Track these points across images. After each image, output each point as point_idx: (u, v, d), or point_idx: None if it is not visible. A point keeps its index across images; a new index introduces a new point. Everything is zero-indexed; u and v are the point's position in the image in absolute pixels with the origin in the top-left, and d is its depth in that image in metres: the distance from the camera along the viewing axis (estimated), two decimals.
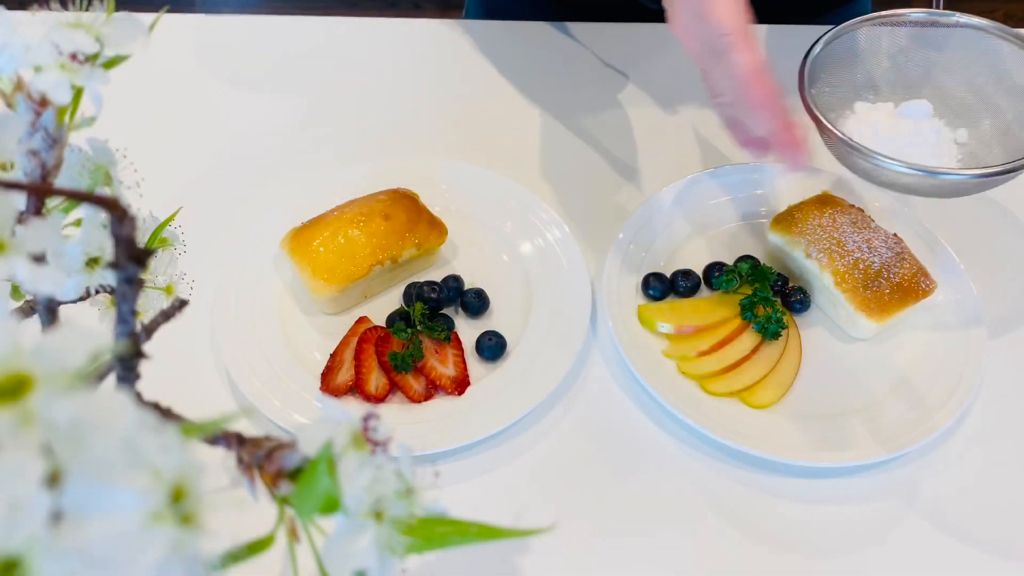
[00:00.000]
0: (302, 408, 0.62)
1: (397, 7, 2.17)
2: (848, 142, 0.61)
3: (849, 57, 0.69)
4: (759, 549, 0.59)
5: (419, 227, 0.70)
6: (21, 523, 0.20)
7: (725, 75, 0.58)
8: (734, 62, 0.56)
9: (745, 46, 0.56)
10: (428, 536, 0.30)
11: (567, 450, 0.63)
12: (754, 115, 0.58)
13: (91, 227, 0.36)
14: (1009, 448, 0.63)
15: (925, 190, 0.62)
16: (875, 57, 0.70)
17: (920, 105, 0.68)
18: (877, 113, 0.68)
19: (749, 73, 0.56)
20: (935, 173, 0.59)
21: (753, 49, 0.56)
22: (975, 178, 0.60)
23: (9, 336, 0.22)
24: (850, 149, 0.61)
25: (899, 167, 0.59)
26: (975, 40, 0.68)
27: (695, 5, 0.58)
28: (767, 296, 0.67)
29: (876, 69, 0.70)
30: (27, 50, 0.33)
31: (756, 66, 0.56)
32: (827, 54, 0.67)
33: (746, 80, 0.56)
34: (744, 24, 0.57)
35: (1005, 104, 0.67)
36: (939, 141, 0.66)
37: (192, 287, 0.48)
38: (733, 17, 0.56)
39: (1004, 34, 0.67)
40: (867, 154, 0.60)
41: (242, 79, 0.87)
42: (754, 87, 0.56)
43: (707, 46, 0.58)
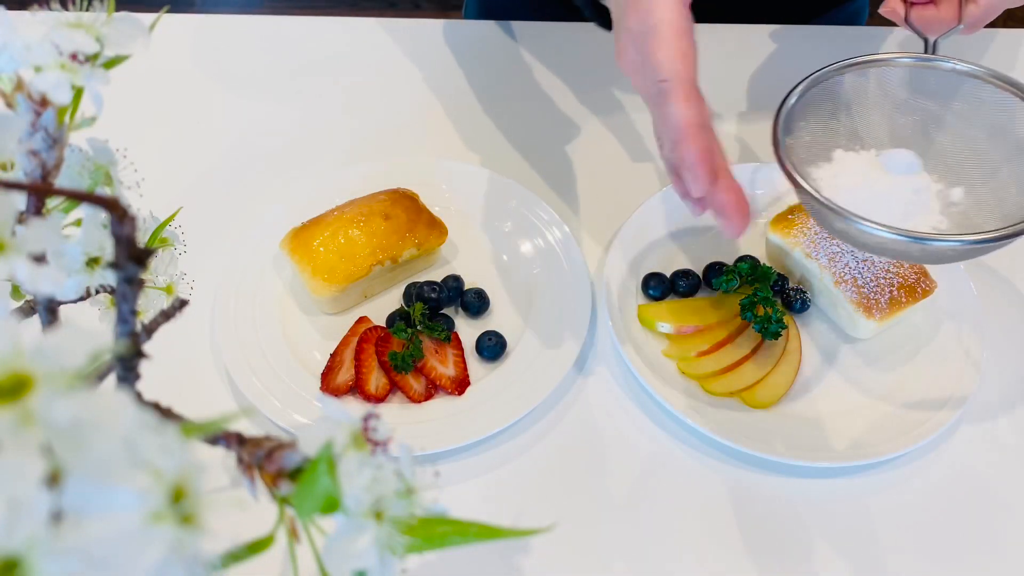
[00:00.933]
0: (302, 408, 0.62)
1: (397, 7, 2.17)
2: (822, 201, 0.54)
3: (829, 105, 0.62)
4: (759, 549, 0.59)
5: (419, 227, 0.70)
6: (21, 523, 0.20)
7: (662, 123, 0.52)
8: (669, 113, 0.51)
9: (683, 95, 0.50)
10: (428, 536, 0.30)
11: (567, 450, 0.63)
12: (686, 172, 0.52)
13: (91, 227, 0.36)
14: (1009, 448, 0.63)
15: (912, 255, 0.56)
16: (858, 106, 0.63)
17: (903, 156, 0.60)
18: (857, 164, 0.60)
19: (683, 127, 0.50)
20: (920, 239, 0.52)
21: (691, 99, 0.50)
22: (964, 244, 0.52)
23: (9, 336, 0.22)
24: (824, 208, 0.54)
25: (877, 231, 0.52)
26: (970, 89, 0.61)
27: (639, 42, 0.52)
28: (767, 296, 0.67)
29: (859, 119, 0.63)
30: (27, 50, 0.33)
31: (692, 119, 0.50)
32: (805, 101, 0.60)
33: (681, 134, 0.50)
34: (686, 70, 0.51)
35: (1002, 162, 0.59)
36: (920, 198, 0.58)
37: (192, 287, 0.48)
38: (674, 61, 0.51)
39: (1001, 83, 0.59)
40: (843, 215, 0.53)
41: (242, 79, 0.87)
42: (688, 142, 0.50)
43: (646, 88, 0.53)
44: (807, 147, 0.61)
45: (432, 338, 0.66)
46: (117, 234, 0.27)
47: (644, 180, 0.79)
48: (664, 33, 0.51)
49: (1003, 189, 0.59)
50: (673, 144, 0.51)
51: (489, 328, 0.68)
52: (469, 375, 0.65)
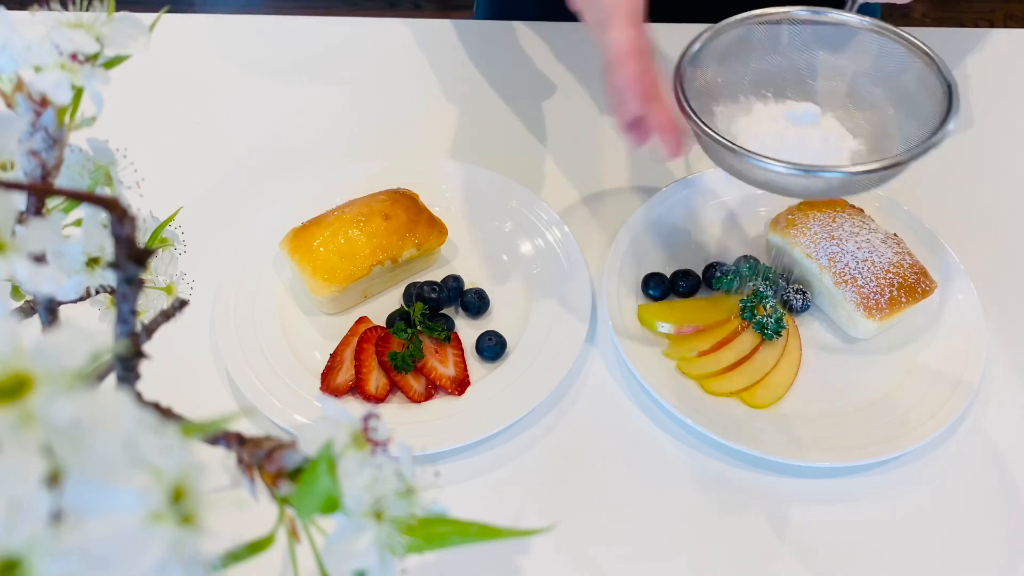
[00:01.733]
0: (302, 408, 0.62)
1: (397, 7, 2.17)
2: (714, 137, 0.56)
3: (733, 55, 0.64)
4: (759, 549, 0.59)
5: (419, 227, 0.70)
6: (21, 523, 0.20)
7: (602, 51, 0.54)
8: (607, 38, 0.53)
9: (622, 23, 0.52)
10: (428, 536, 0.30)
11: (567, 450, 0.63)
12: (616, 96, 0.54)
13: (91, 227, 0.36)
14: (1009, 448, 0.63)
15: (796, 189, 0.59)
16: (760, 56, 0.65)
17: (808, 109, 0.63)
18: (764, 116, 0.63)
19: (617, 52, 0.52)
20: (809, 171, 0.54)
21: (629, 27, 0.52)
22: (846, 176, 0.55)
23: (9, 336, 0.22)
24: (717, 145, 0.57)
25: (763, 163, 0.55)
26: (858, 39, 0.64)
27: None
28: (767, 296, 0.68)
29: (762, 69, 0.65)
30: (27, 50, 0.33)
31: (626, 45, 0.52)
32: (708, 51, 0.62)
33: (614, 59, 0.52)
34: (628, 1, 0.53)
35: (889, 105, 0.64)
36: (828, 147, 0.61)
37: (192, 287, 0.48)
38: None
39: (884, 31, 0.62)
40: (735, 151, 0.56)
41: (242, 79, 0.88)
42: (620, 67, 0.52)
43: (591, 17, 0.55)
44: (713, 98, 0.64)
45: (432, 338, 0.66)
46: (117, 234, 0.27)
47: (644, 180, 0.79)
48: None
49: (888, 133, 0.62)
50: (609, 68, 0.53)
51: (489, 328, 0.68)
52: (469, 375, 0.65)
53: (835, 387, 0.66)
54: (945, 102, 0.58)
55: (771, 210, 0.76)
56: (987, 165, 0.81)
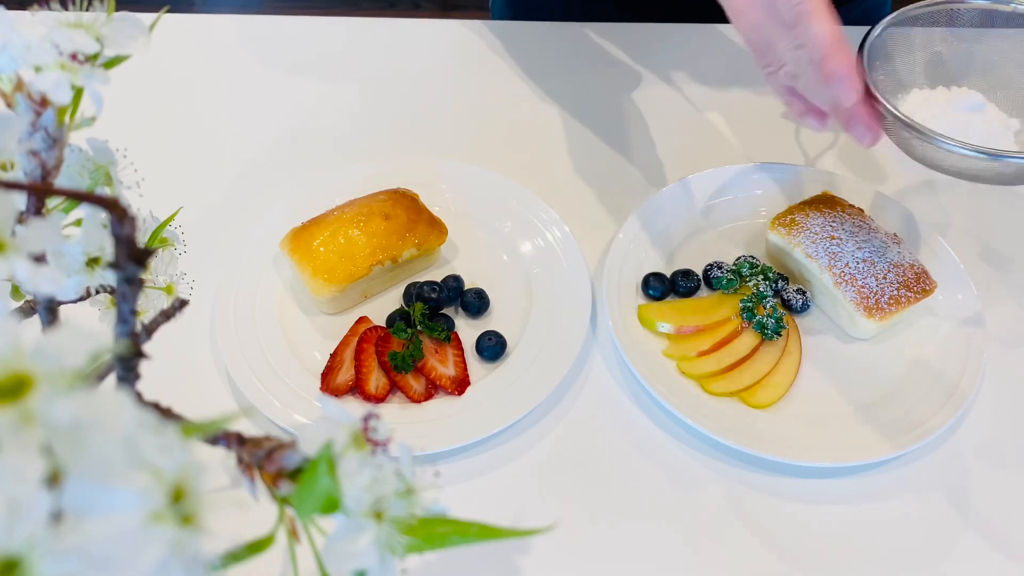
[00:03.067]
0: (302, 408, 0.62)
1: (397, 7, 2.17)
2: (912, 124, 0.60)
3: (905, 44, 0.69)
4: (759, 549, 0.59)
5: (419, 227, 0.70)
6: (21, 523, 0.20)
7: (794, 44, 0.56)
8: (813, 32, 0.55)
9: (822, 15, 0.54)
10: (428, 536, 0.30)
11: (567, 450, 0.63)
12: (832, 86, 0.56)
13: (91, 227, 0.36)
14: (1009, 448, 0.63)
15: (987, 175, 0.61)
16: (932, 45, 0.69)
17: (972, 96, 0.67)
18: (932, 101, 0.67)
19: (829, 43, 0.54)
20: (999, 156, 0.58)
21: (831, 18, 0.55)
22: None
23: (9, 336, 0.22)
24: (913, 132, 0.60)
25: (962, 149, 0.58)
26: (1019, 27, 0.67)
27: None
28: (767, 296, 0.68)
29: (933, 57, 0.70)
30: (27, 50, 0.33)
31: (836, 35, 0.54)
32: (884, 39, 0.66)
33: (826, 50, 0.54)
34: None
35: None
36: (993, 131, 0.65)
37: (192, 287, 0.48)
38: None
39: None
40: (930, 136, 0.59)
41: (241, 79, 0.88)
42: (834, 57, 0.54)
43: (773, 14, 0.57)
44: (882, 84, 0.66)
45: (432, 338, 0.66)
46: (117, 234, 0.27)
47: (644, 180, 0.79)
48: None
49: None
50: (820, 60, 0.55)
51: (489, 328, 0.68)
52: (469, 375, 0.65)
53: (835, 387, 0.66)
54: None
55: (771, 210, 0.76)
56: None
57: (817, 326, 0.70)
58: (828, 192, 0.73)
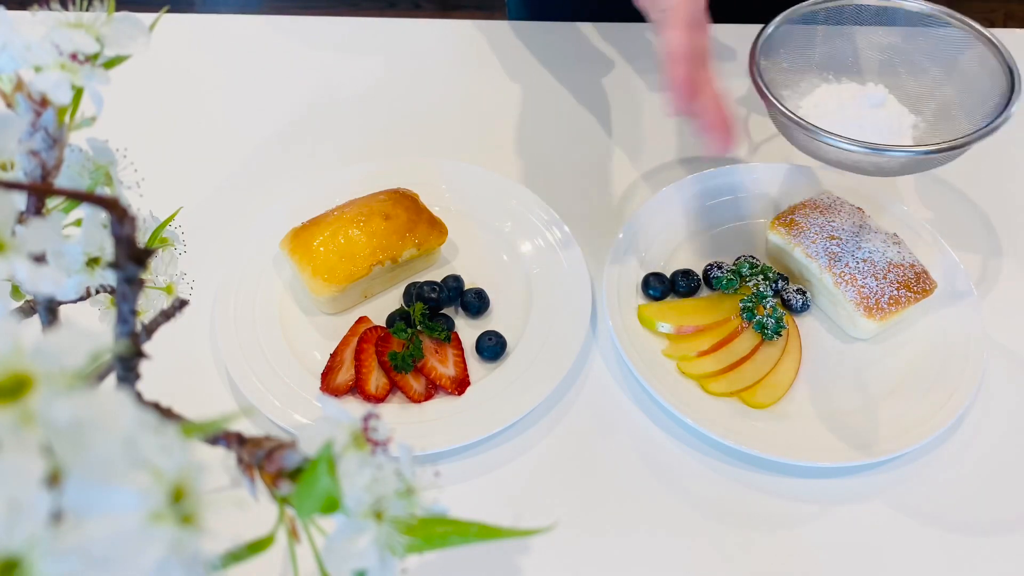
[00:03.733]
0: (302, 408, 0.62)
1: (397, 7, 2.17)
2: (791, 117, 0.62)
3: (805, 39, 0.71)
4: (759, 549, 0.59)
5: (419, 227, 0.70)
6: (21, 523, 0.20)
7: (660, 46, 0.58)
8: (663, 38, 0.56)
9: (677, 24, 0.55)
10: (428, 536, 0.30)
11: (567, 450, 0.63)
12: (671, 95, 0.57)
13: (91, 227, 0.36)
14: (1009, 448, 0.63)
15: (867, 168, 0.64)
16: (830, 40, 0.71)
17: (876, 92, 0.69)
18: (834, 96, 0.69)
19: (670, 53, 0.55)
20: (877, 149, 0.60)
21: (684, 28, 0.55)
22: (916, 155, 0.61)
23: (9, 336, 0.22)
24: (792, 124, 0.62)
25: (839, 143, 0.61)
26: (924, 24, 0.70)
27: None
28: (767, 296, 0.68)
29: (831, 52, 0.71)
30: (27, 50, 0.33)
31: (678, 48, 0.55)
32: (781, 33, 0.69)
33: (666, 59, 0.56)
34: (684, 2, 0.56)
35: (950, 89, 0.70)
36: (890, 126, 0.67)
37: (192, 287, 0.48)
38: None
39: (950, 18, 0.68)
40: (809, 129, 0.61)
41: (242, 79, 0.88)
42: (672, 67, 0.55)
43: (655, 17, 0.59)
44: (785, 73, 0.69)
45: (432, 338, 0.66)
46: (117, 234, 0.27)
47: (644, 180, 0.79)
48: None
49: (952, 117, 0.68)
50: (664, 66, 0.57)
51: (489, 328, 0.68)
52: (469, 375, 0.65)
53: (835, 387, 0.66)
54: (1007, 85, 0.64)
55: (771, 210, 0.76)
56: (986, 165, 0.81)
57: (817, 326, 0.70)
58: (828, 192, 0.73)
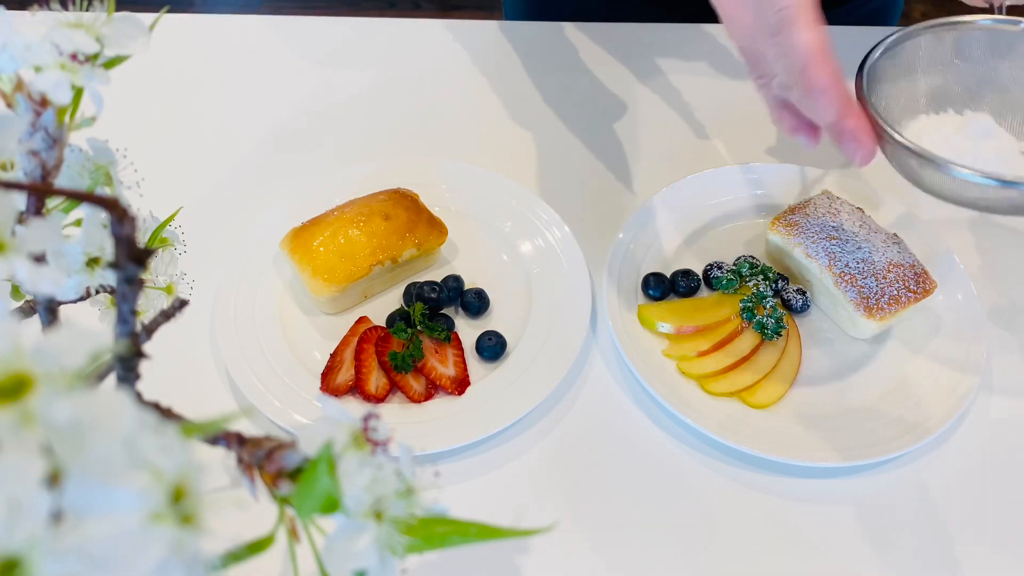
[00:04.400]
0: (302, 408, 0.62)
1: (397, 7, 2.17)
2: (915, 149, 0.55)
3: (908, 65, 0.64)
4: (759, 549, 0.59)
5: (419, 227, 0.70)
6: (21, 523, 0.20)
7: (780, 53, 0.52)
8: (794, 40, 0.50)
9: (807, 22, 0.50)
10: (428, 536, 0.30)
11: (567, 450, 0.63)
12: (814, 99, 0.51)
13: (91, 227, 0.36)
14: (1009, 448, 0.63)
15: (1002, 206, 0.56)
16: (936, 66, 0.64)
17: (982, 120, 0.62)
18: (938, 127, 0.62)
19: (811, 52, 0.50)
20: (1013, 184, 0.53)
21: (816, 26, 0.50)
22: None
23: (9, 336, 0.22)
24: (916, 157, 0.55)
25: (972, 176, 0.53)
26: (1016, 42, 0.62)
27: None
28: (767, 296, 0.68)
29: (937, 79, 0.64)
30: (27, 50, 0.33)
31: (820, 44, 0.50)
32: (885, 61, 0.62)
33: (808, 60, 0.50)
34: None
35: None
36: (1005, 157, 0.60)
37: (192, 287, 0.48)
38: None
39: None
40: (937, 162, 0.54)
41: (242, 79, 0.87)
42: (817, 68, 0.50)
43: (761, 20, 0.52)
44: (885, 108, 0.62)
45: (432, 338, 0.66)
46: (117, 234, 0.27)
47: (644, 180, 0.79)
48: None
49: None
50: (800, 71, 0.51)
51: (489, 328, 0.68)
52: (469, 375, 0.65)
53: (835, 387, 0.66)
54: None
55: (771, 210, 0.76)
56: None
57: (817, 326, 0.70)
58: (828, 192, 0.73)
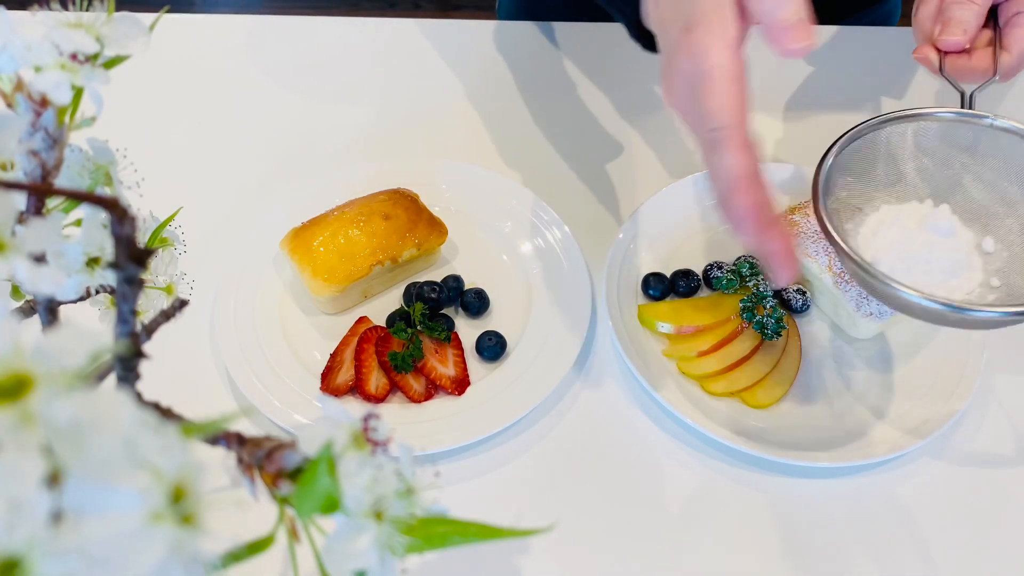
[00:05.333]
0: (302, 408, 0.62)
1: (397, 7, 2.17)
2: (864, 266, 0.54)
3: (868, 158, 0.62)
4: (759, 549, 0.59)
5: (419, 227, 0.70)
6: (21, 523, 0.20)
7: (714, 171, 0.50)
8: (722, 163, 0.49)
9: (735, 145, 0.48)
10: (428, 536, 0.30)
11: (567, 450, 0.63)
12: (735, 223, 0.50)
13: (91, 227, 0.36)
14: (1009, 448, 0.63)
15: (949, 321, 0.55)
16: (897, 159, 0.62)
17: (944, 217, 0.60)
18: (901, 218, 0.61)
19: (735, 178, 0.48)
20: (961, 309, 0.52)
21: (742, 150, 0.49)
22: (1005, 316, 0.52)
23: (9, 336, 0.22)
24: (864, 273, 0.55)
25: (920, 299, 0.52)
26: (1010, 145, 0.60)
27: (692, 85, 0.50)
28: (767, 296, 0.68)
29: (898, 172, 0.63)
30: (27, 50, 0.33)
31: (743, 171, 0.48)
32: (844, 157, 0.60)
33: (731, 185, 0.49)
34: (738, 119, 0.49)
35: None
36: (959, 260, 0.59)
37: (192, 287, 0.48)
38: (728, 109, 0.49)
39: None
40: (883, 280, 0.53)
41: (242, 79, 0.87)
42: (738, 194, 0.49)
43: (701, 134, 0.51)
44: (844, 201, 0.61)
45: (432, 338, 0.66)
46: (117, 234, 0.27)
47: (645, 180, 0.79)
48: (717, 79, 0.49)
49: None
50: (723, 194, 0.50)
51: (489, 328, 0.68)
52: (469, 375, 0.65)
53: (835, 387, 0.66)
54: None
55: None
56: None
57: (817, 326, 0.70)
58: None
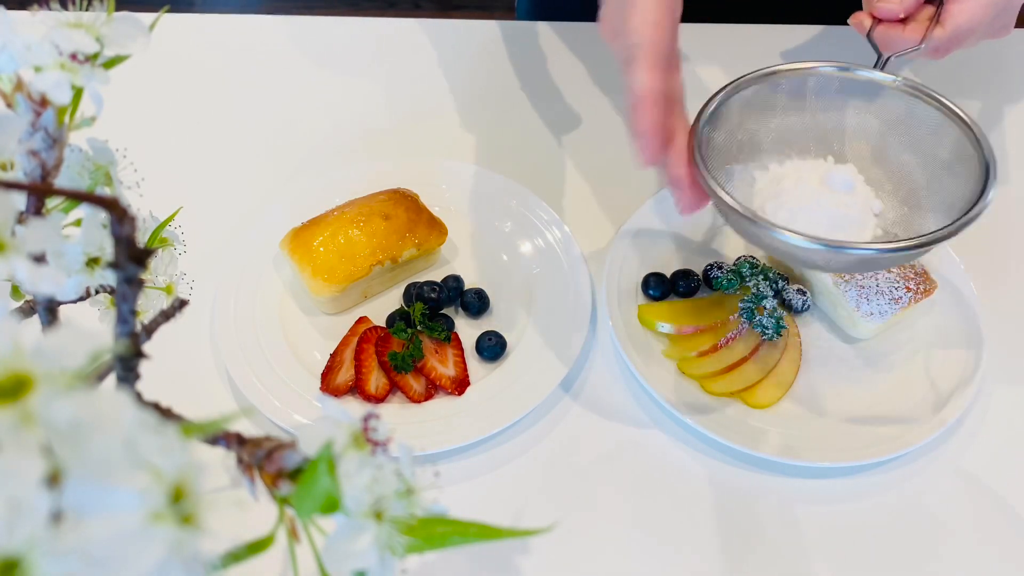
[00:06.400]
0: (302, 408, 0.62)
1: (397, 7, 2.17)
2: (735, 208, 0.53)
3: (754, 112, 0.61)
4: (759, 549, 0.59)
5: (419, 227, 0.70)
6: (21, 523, 0.20)
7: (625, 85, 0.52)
8: (631, 79, 0.51)
9: (647, 63, 0.50)
10: (428, 536, 0.30)
11: (567, 450, 0.63)
12: (635, 139, 0.51)
13: (91, 227, 0.36)
14: (1009, 448, 0.63)
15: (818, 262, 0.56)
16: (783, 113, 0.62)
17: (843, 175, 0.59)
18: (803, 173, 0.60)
19: (639, 94, 0.50)
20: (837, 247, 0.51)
21: (655, 68, 0.50)
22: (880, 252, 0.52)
23: (9, 336, 0.22)
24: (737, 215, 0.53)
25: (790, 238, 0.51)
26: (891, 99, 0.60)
27: (620, 8, 0.52)
28: (767, 296, 0.68)
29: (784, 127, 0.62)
30: (27, 50, 0.33)
31: (649, 87, 0.50)
32: (727, 108, 0.59)
33: (635, 100, 0.50)
34: (656, 38, 0.51)
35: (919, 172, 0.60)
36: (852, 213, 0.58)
37: (192, 287, 0.48)
38: (646, 27, 0.50)
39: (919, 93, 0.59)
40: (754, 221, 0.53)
41: (242, 79, 0.87)
42: (640, 110, 0.50)
43: (620, 53, 0.53)
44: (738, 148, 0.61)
45: (432, 338, 0.66)
46: (117, 234, 0.27)
47: (644, 180, 0.79)
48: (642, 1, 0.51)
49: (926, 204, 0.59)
50: (629, 110, 0.51)
51: (489, 328, 0.68)
52: (469, 375, 0.65)
53: (835, 387, 0.66)
54: (982, 173, 0.55)
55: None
56: None
57: (817, 326, 0.70)
58: None
